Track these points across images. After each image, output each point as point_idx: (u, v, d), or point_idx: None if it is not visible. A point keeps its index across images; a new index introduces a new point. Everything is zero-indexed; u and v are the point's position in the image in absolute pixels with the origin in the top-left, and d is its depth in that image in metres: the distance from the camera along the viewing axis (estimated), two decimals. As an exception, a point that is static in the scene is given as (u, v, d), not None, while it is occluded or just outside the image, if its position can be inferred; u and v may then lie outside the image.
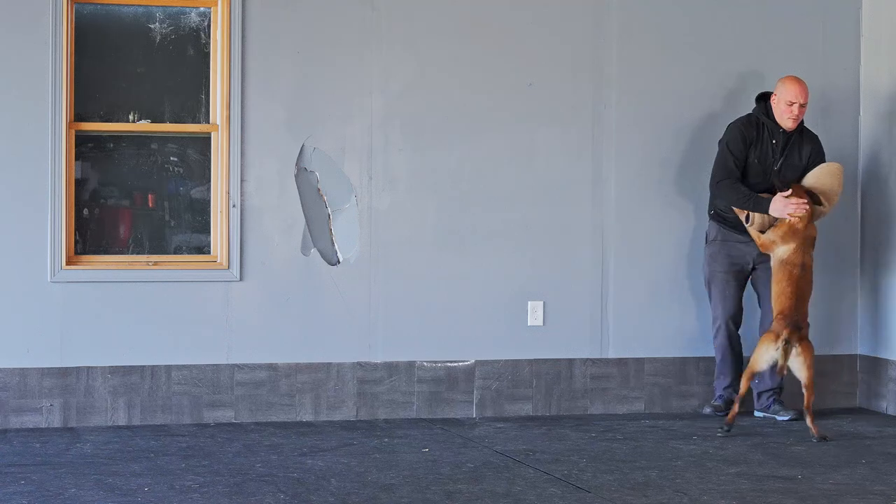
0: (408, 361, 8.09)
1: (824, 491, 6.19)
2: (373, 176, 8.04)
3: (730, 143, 7.98)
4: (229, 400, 7.86)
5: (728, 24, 8.48)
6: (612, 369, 8.35)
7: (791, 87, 7.97)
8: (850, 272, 8.65)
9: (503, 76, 8.18)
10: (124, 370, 7.72)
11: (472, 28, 8.15)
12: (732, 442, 7.40)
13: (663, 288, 8.37)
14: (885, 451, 7.17)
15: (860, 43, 8.65)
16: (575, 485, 6.26)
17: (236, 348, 7.87)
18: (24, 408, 7.61)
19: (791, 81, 7.99)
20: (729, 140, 8.00)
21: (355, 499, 5.94)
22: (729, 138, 8.01)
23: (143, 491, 6.06)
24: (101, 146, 7.84)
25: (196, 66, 7.90)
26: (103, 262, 7.75)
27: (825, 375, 8.62)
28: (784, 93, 7.97)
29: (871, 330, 8.57)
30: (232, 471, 6.51)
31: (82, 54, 7.74)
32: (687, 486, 6.24)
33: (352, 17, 8.00)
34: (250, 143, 7.87)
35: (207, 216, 7.92)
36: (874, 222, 8.56)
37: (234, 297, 7.85)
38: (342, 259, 8.02)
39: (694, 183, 8.41)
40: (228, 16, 7.82)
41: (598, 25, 8.31)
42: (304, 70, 7.95)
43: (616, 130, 8.32)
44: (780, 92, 7.99)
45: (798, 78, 8.00)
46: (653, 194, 8.37)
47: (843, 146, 8.65)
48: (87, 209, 7.79)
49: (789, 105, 7.96)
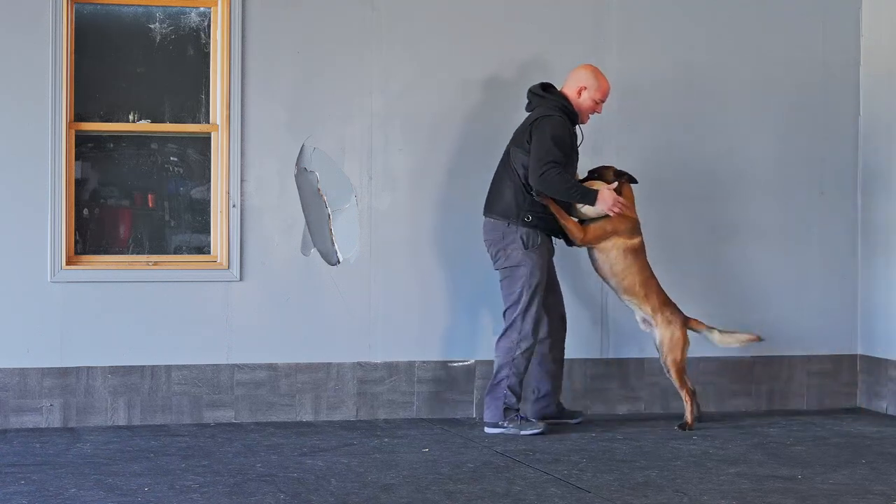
0: (408, 361, 8.10)
1: (824, 491, 6.19)
2: (373, 176, 8.04)
3: (555, 136, 7.41)
4: (229, 400, 7.87)
5: (728, 24, 8.48)
6: (612, 369, 8.35)
7: (605, 85, 7.63)
8: (850, 272, 8.65)
9: (503, 76, 8.18)
10: (124, 370, 7.72)
11: (472, 28, 8.15)
12: (732, 442, 7.40)
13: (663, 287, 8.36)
14: (885, 451, 7.17)
15: (860, 43, 8.66)
16: (575, 485, 6.27)
17: (236, 348, 7.87)
18: (24, 408, 7.61)
19: (604, 78, 7.64)
20: (554, 133, 7.41)
21: (355, 499, 5.94)
22: (554, 131, 7.41)
23: (143, 491, 6.06)
24: (101, 146, 7.84)
25: (196, 66, 7.91)
26: (103, 262, 7.75)
27: (825, 375, 8.63)
28: (597, 90, 7.60)
29: (871, 330, 8.57)
30: (232, 471, 6.51)
31: (82, 54, 7.74)
32: (687, 486, 6.24)
33: (352, 17, 8.01)
34: (250, 143, 7.87)
35: (207, 216, 7.92)
36: (874, 222, 8.56)
37: (234, 297, 7.85)
38: (342, 259, 8.02)
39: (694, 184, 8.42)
40: (228, 16, 7.82)
41: (598, 25, 8.31)
42: (304, 70, 7.95)
43: (616, 130, 8.32)
44: (592, 87, 7.59)
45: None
46: (653, 194, 8.36)
47: (842, 146, 8.65)
48: (87, 209, 7.79)
49: (599, 103, 7.65)
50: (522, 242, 7.53)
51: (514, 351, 7.56)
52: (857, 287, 8.65)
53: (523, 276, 7.53)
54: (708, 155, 8.46)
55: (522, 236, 7.53)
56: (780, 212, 8.58)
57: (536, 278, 7.54)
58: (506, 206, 7.57)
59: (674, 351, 7.77)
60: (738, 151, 8.50)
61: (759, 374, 8.55)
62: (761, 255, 8.55)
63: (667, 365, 7.79)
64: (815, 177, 8.62)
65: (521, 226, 7.53)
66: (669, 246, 8.39)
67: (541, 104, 7.60)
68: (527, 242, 7.53)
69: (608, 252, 7.72)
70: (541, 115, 7.52)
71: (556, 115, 7.50)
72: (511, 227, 7.54)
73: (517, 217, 7.53)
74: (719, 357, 8.43)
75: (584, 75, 7.65)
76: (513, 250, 7.54)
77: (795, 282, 8.59)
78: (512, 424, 7.54)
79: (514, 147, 7.61)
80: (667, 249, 8.38)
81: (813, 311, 8.61)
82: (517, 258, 7.54)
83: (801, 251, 8.60)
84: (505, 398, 7.56)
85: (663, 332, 7.78)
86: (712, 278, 8.48)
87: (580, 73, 7.67)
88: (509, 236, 7.54)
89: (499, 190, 7.62)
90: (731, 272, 8.50)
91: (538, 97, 7.63)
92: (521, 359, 7.57)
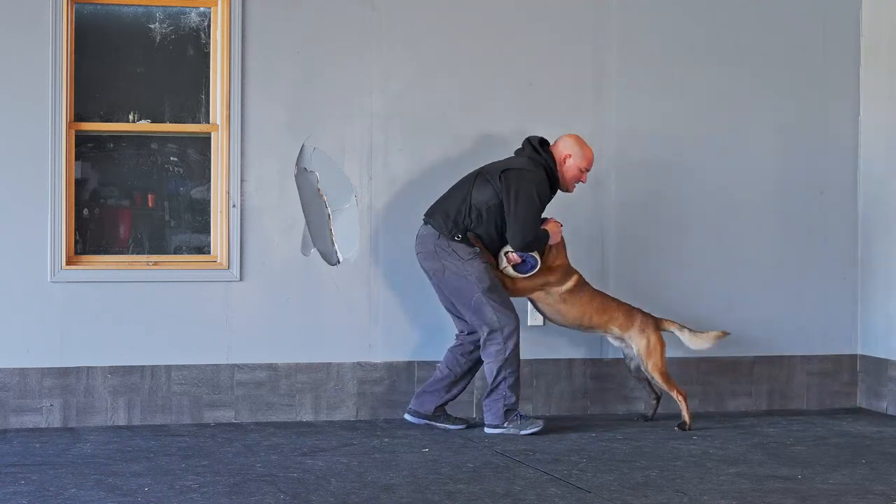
0: (408, 361, 8.10)
1: (824, 491, 6.19)
2: (373, 176, 8.04)
3: (539, 196, 7.44)
4: (229, 400, 7.87)
5: (728, 24, 8.48)
6: (612, 369, 8.35)
7: (590, 156, 7.62)
8: (850, 272, 8.65)
9: (503, 76, 8.19)
10: (124, 370, 7.72)
11: (472, 28, 8.15)
12: (732, 442, 7.40)
13: (663, 288, 8.37)
14: (885, 451, 7.17)
15: (860, 43, 8.65)
16: (575, 485, 6.26)
17: (236, 348, 7.87)
18: (24, 408, 7.61)
19: (589, 148, 7.63)
20: (538, 192, 7.44)
21: (355, 499, 5.94)
22: (538, 190, 7.45)
23: (143, 491, 6.06)
24: (101, 146, 7.84)
25: (196, 66, 7.91)
26: (103, 262, 7.75)
27: (825, 375, 8.63)
28: (584, 160, 7.58)
29: (871, 330, 8.57)
30: (232, 471, 6.50)
31: (82, 54, 7.74)
32: (687, 486, 6.23)
33: (352, 17, 8.01)
34: (250, 143, 7.87)
35: (207, 216, 7.92)
36: (873, 222, 8.56)
37: (234, 297, 7.85)
38: (342, 259, 8.02)
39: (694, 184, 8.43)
40: (228, 16, 7.82)
41: (598, 25, 8.31)
42: (304, 70, 7.95)
43: (616, 130, 8.32)
44: (577, 156, 7.58)
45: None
46: (653, 194, 8.36)
47: (842, 147, 8.65)
48: (87, 209, 7.79)
49: (584, 171, 7.62)
50: (457, 255, 7.47)
51: (505, 351, 7.47)
52: (857, 287, 8.65)
53: (472, 282, 7.43)
54: (707, 155, 8.45)
55: (457, 250, 7.47)
56: (780, 212, 8.58)
57: (486, 283, 7.45)
58: (444, 220, 7.50)
59: (653, 356, 7.72)
60: (738, 151, 8.50)
61: (759, 374, 8.55)
62: (761, 254, 8.54)
63: (650, 372, 7.74)
64: (815, 177, 8.62)
65: (451, 241, 7.47)
66: (669, 245, 8.39)
67: (532, 156, 7.53)
68: (462, 255, 7.47)
69: (548, 304, 7.68)
70: (528, 168, 7.47)
71: (543, 178, 7.48)
72: (441, 240, 7.48)
73: (450, 234, 7.47)
74: (719, 357, 8.43)
75: (569, 143, 7.59)
76: (451, 262, 7.47)
77: (795, 282, 8.59)
78: (512, 425, 7.52)
79: (483, 180, 7.52)
80: (667, 249, 8.38)
81: (813, 311, 8.61)
82: (458, 269, 7.46)
83: (801, 251, 8.60)
84: (504, 399, 7.52)
85: (639, 343, 7.75)
86: (712, 278, 8.47)
87: (565, 141, 7.60)
88: (442, 251, 7.48)
89: (446, 204, 7.56)
90: (731, 272, 8.50)
91: (533, 149, 7.55)
92: (514, 354, 7.48)
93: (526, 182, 7.44)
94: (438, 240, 7.49)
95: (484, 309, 7.45)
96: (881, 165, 8.51)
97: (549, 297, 7.69)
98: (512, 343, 7.47)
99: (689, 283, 8.41)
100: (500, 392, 7.51)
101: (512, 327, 7.46)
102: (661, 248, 8.39)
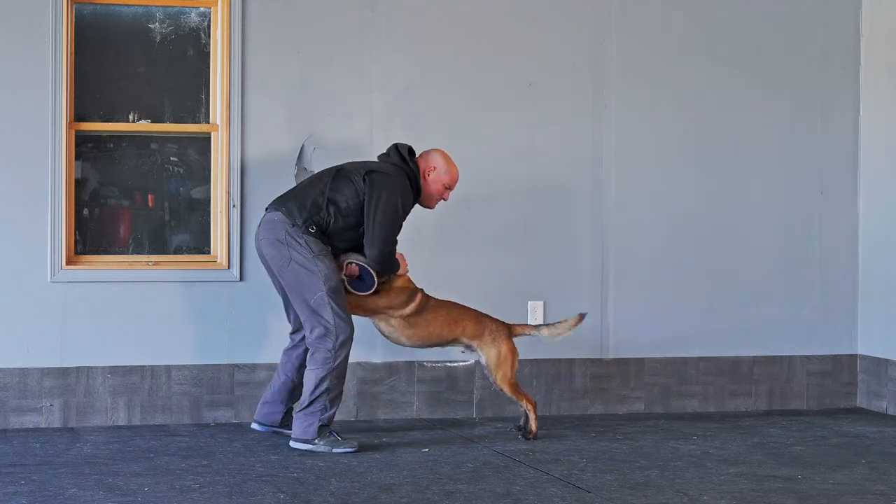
0: (408, 361, 8.10)
1: (824, 491, 6.19)
2: (373, 176, 8.03)
3: (402, 208, 7.13)
4: (229, 400, 7.86)
5: (728, 24, 8.48)
6: (612, 369, 8.35)
7: (455, 173, 7.31)
8: (850, 272, 8.65)
9: (503, 76, 8.19)
10: (124, 370, 7.72)
11: (472, 28, 8.15)
12: (732, 442, 7.40)
13: (663, 288, 8.37)
14: (885, 451, 7.17)
15: (860, 43, 8.66)
16: (575, 485, 6.26)
17: (236, 348, 7.87)
18: (24, 408, 7.61)
19: (455, 167, 7.31)
20: (403, 204, 7.13)
21: (355, 499, 5.94)
22: (402, 200, 7.12)
23: (143, 491, 6.06)
24: (101, 146, 7.84)
25: (196, 66, 7.91)
26: (103, 262, 7.75)
27: (825, 375, 8.63)
28: (447, 176, 7.28)
29: (871, 330, 8.57)
30: (232, 471, 6.50)
31: (82, 54, 7.74)
32: (687, 486, 6.24)
33: (352, 17, 8.01)
34: (250, 143, 7.87)
35: (207, 216, 7.92)
36: (873, 222, 8.56)
37: (234, 297, 7.85)
38: (342, 259, 8.01)
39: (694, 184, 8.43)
40: (228, 16, 7.82)
41: (598, 25, 8.31)
42: (304, 70, 7.95)
43: (616, 130, 8.32)
44: (442, 171, 7.27)
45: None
46: (653, 194, 8.37)
47: (842, 146, 8.65)
48: (87, 209, 7.79)
49: (447, 189, 7.31)
50: (309, 248, 7.04)
51: (333, 360, 7.01)
52: (857, 287, 8.65)
53: (319, 278, 6.99)
54: (707, 154, 8.45)
55: (309, 243, 7.04)
56: (780, 212, 8.58)
57: (332, 283, 7.03)
58: (298, 210, 7.07)
59: (502, 367, 7.41)
60: (738, 151, 8.50)
61: (759, 374, 8.55)
62: (761, 254, 8.54)
63: (498, 384, 7.43)
64: (815, 177, 8.63)
65: (304, 234, 7.04)
66: (669, 245, 8.39)
67: (399, 164, 7.22)
68: (313, 249, 7.04)
69: (391, 328, 7.36)
70: (394, 174, 7.14)
71: (408, 188, 7.16)
72: (294, 229, 7.04)
73: (304, 225, 7.04)
74: (719, 357, 8.44)
75: (436, 157, 7.30)
76: (299, 254, 7.02)
77: (795, 282, 8.59)
78: (324, 441, 7.01)
79: (343, 176, 7.14)
80: (666, 248, 8.38)
81: (813, 311, 8.61)
82: (306, 262, 7.02)
83: (801, 251, 8.60)
84: (322, 413, 7.02)
85: (489, 352, 7.42)
86: (712, 278, 8.47)
87: (433, 154, 7.31)
88: (293, 241, 7.03)
89: (301, 194, 7.14)
90: (730, 271, 8.50)
91: (400, 156, 7.25)
92: (342, 366, 7.04)
93: (391, 189, 7.09)
94: (292, 228, 7.03)
95: (324, 309, 7.00)
96: (881, 165, 8.51)
97: (393, 322, 7.35)
98: (343, 354, 7.03)
99: (689, 283, 8.41)
100: (318, 405, 7.01)
101: (346, 336, 7.02)
102: (660, 247, 8.39)
